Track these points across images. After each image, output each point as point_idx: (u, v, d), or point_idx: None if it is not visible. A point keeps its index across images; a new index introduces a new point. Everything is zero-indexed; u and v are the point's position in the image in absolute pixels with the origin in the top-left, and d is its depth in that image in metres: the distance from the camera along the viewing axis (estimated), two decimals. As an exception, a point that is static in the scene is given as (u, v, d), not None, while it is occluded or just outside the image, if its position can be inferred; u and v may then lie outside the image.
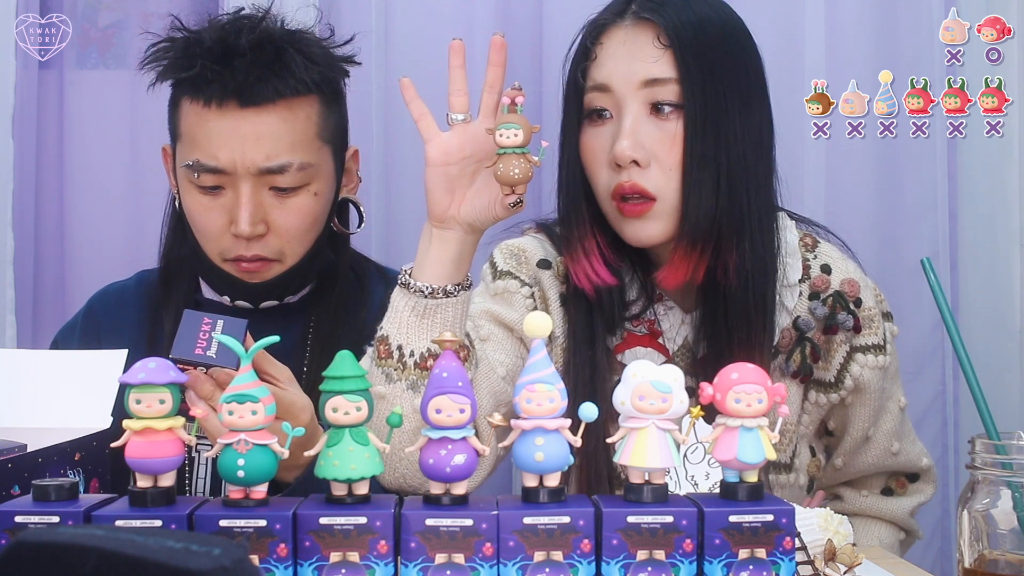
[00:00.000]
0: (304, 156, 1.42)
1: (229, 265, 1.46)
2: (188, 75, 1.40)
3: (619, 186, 1.30)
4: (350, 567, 0.86)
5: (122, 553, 0.65)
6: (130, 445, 0.88)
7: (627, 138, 1.29)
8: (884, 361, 1.44)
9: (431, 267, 1.25)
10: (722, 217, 1.30)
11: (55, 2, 2.07)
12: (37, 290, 2.08)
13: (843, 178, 2.08)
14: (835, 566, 1.08)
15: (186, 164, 1.42)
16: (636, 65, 1.30)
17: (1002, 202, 2.10)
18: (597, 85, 1.33)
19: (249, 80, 1.38)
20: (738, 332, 1.33)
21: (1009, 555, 1.02)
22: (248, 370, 0.89)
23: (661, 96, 1.29)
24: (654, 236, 1.32)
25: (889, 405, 1.48)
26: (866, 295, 1.45)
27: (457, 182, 1.24)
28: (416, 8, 2.08)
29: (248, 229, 1.40)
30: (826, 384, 1.44)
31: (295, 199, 1.43)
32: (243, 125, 1.39)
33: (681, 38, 1.29)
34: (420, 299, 1.25)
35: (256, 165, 1.39)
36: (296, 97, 1.41)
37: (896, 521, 1.53)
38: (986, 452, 1.03)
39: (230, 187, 1.41)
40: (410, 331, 1.25)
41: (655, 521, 0.88)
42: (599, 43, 1.34)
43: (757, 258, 1.33)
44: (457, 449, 0.88)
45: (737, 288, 1.33)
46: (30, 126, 2.05)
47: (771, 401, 0.91)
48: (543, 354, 0.90)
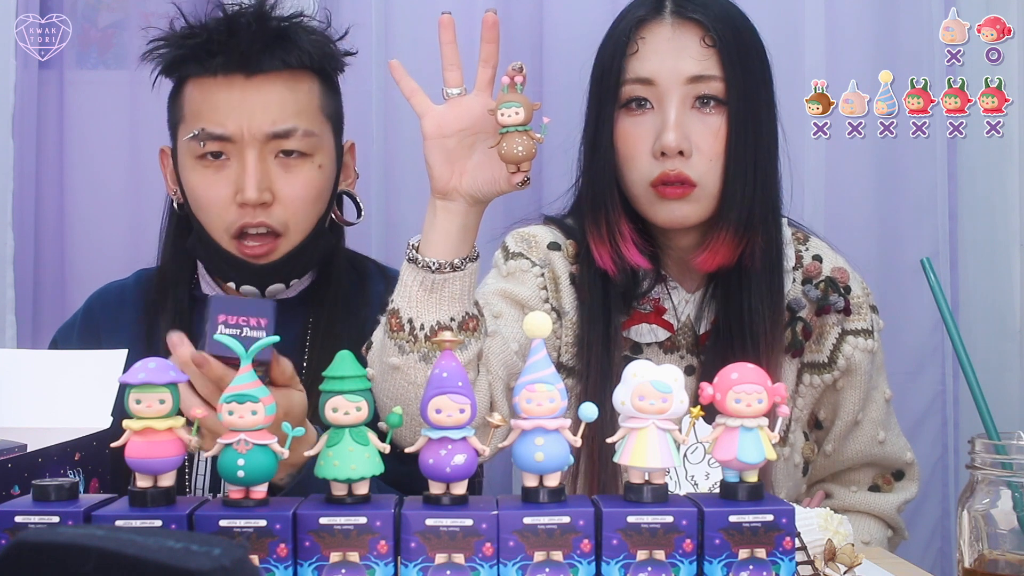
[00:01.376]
0: (308, 124, 1.46)
1: (235, 245, 1.45)
2: (195, 49, 1.43)
3: (663, 174, 1.37)
4: (350, 567, 0.86)
5: (122, 553, 0.65)
6: (130, 445, 0.88)
7: (674, 130, 1.36)
8: (873, 346, 1.51)
9: (437, 241, 1.27)
10: (756, 205, 1.39)
11: (55, 2, 2.07)
12: (37, 290, 2.08)
13: (843, 178, 2.08)
14: (835, 566, 1.08)
15: (191, 135, 1.44)
16: (683, 62, 1.38)
17: (1002, 202, 2.10)
18: (640, 78, 1.39)
19: (254, 50, 1.42)
20: (762, 315, 1.41)
21: (1009, 555, 1.02)
22: (248, 370, 0.89)
23: (706, 91, 1.38)
24: (690, 218, 1.40)
25: (875, 395, 1.55)
26: (855, 284, 1.53)
27: (455, 154, 1.26)
28: (416, 8, 2.07)
29: (255, 195, 1.41)
30: (820, 365, 1.51)
31: (300, 169, 1.45)
32: (250, 95, 1.42)
33: (724, 38, 1.38)
34: (428, 274, 1.26)
35: (263, 131, 1.42)
36: (299, 70, 1.46)
37: (884, 517, 1.57)
38: (986, 452, 1.03)
39: (235, 157, 1.43)
40: (420, 305, 1.27)
41: (655, 521, 0.88)
42: (641, 37, 1.40)
43: (777, 244, 1.44)
44: (457, 449, 0.88)
45: (760, 272, 1.41)
46: (30, 126, 2.04)
47: (771, 401, 0.91)
48: (543, 354, 0.90)
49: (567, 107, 1.51)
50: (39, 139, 2.06)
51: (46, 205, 2.08)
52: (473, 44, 1.25)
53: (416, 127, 1.29)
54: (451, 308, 1.27)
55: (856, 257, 1.61)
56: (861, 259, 1.64)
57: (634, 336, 1.47)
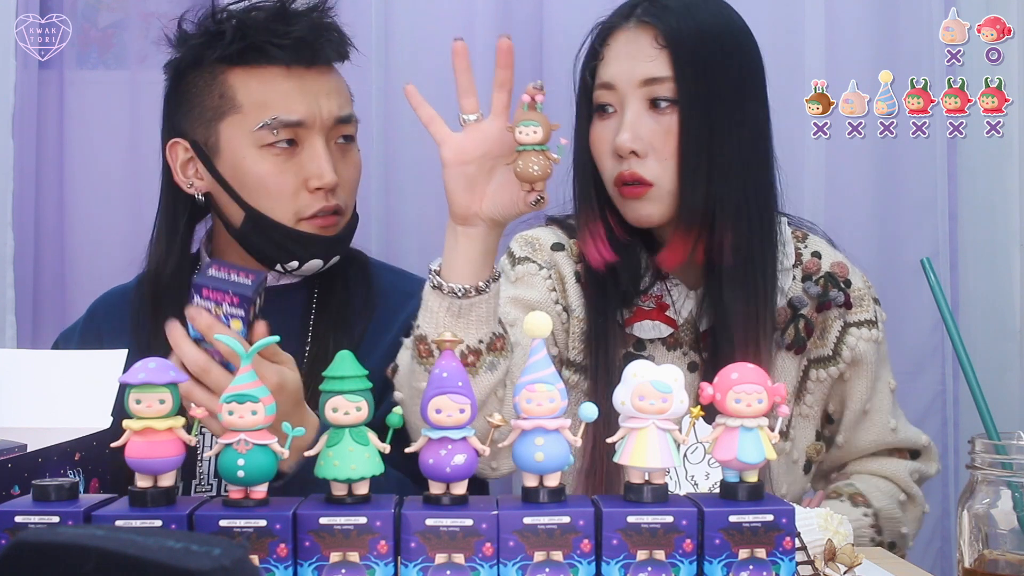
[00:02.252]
0: (353, 111, 1.56)
1: (306, 224, 1.50)
2: (256, 40, 1.47)
3: (620, 174, 1.41)
4: (350, 567, 0.86)
5: (122, 553, 0.65)
6: (130, 445, 0.88)
7: (627, 131, 1.40)
8: (877, 335, 1.53)
9: (461, 266, 1.29)
10: (715, 203, 1.40)
11: (55, 2, 2.07)
12: (37, 290, 2.08)
13: (843, 178, 2.08)
14: (835, 566, 1.08)
15: (263, 124, 1.47)
16: (636, 65, 1.41)
17: (1002, 202, 2.10)
18: (603, 83, 1.44)
19: (316, 41, 1.50)
20: (736, 309, 1.42)
21: (1009, 555, 1.02)
22: (248, 370, 0.89)
23: (658, 93, 1.40)
24: (652, 217, 1.43)
25: (880, 385, 1.56)
26: (855, 278, 1.55)
27: (476, 180, 1.27)
28: (416, 8, 2.08)
29: (333, 178, 1.48)
30: (825, 359, 1.52)
31: (351, 153, 1.56)
32: (313, 83, 1.50)
33: (677, 40, 1.39)
34: (454, 300, 1.28)
35: (332, 115, 1.51)
36: (337, 63, 1.56)
37: (895, 479, 1.56)
38: (986, 452, 1.03)
39: (304, 143, 1.49)
40: (448, 331, 1.27)
41: (655, 521, 0.88)
42: (606, 45, 1.45)
43: (754, 240, 1.43)
44: (457, 449, 0.88)
45: (734, 267, 1.42)
46: (30, 126, 2.04)
47: (771, 401, 0.91)
48: (543, 354, 0.90)
49: (567, 107, 1.51)
50: (39, 139, 2.07)
51: (46, 205, 2.08)
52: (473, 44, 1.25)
53: (415, 126, 1.29)
54: (479, 330, 1.30)
55: (856, 257, 1.61)
56: (861, 259, 1.64)
57: (637, 332, 1.48)
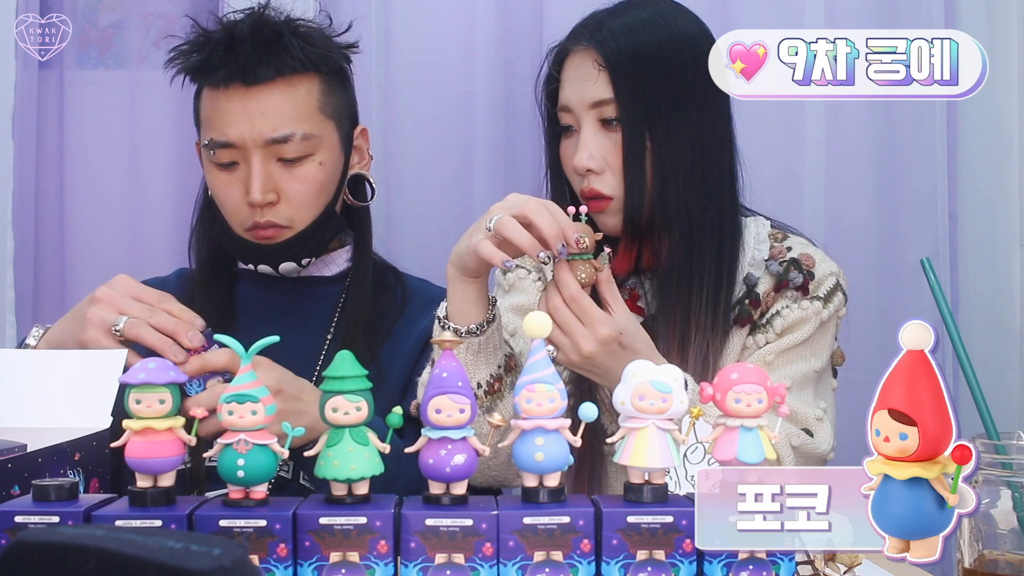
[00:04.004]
0: (306, 128, 1.54)
1: (249, 234, 1.57)
2: (199, 64, 1.54)
3: (582, 190, 1.48)
4: (350, 567, 0.87)
5: (122, 553, 0.65)
6: (130, 445, 0.88)
7: (583, 151, 1.46)
8: (818, 309, 1.47)
9: (466, 308, 1.35)
10: (655, 211, 1.45)
11: (55, 2, 2.06)
12: (37, 290, 2.08)
13: (843, 178, 2.07)
14: (835, 566, 1.08)
15: (204, 144, 1.55)
16: (585, 88, 1.46)
17: (1002, 202, 2.10)
18: (561, 107, 1.50)
19: (251, 62, 1.51)
20: (665, 306, 1.45)
21: (1009, 555, 1.02)
22: (248, 370, 0.89)
23: (605, 113, 1.46)
24: (616, 228, 1.48)
25: (801, 362, 1.48)
26: (820, 270, 1.49)
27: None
28: (416, 8, 2.07)
29: (260, 197, 1.52)
30: (760, 326, 1.48)
31: (301, 168, 1.55)
32: (249, 103, 1.52)
33: (615, 62, 1.44)
34: (472, 339, 1.35)
35: (263, 136, 1.51)
36: (294, 75, 1.53)
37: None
38: (986, 452, 1.03)
39: (243, 161, 1.54)
40: (471, 368, 1.35)
41: (655, 521, 0.88)
42: (562, 69, 1.51)
43: (695, 242, 1.45)
44: (457, 449, 0.88)
45: (668, 271, 1.46)
46: (30, 126, 2.04)
47: (771, 401, 0.91)
48: (543, 354, 0.90)
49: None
50: (39, 139, 2.06)
51: (46, 205, 2.08)
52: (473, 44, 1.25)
53: (415, 125, 1.29)
54: (496, 357, 1.37)
55: (856, 257, 1.61)
56: (861, 259, 1.64)
57: None
